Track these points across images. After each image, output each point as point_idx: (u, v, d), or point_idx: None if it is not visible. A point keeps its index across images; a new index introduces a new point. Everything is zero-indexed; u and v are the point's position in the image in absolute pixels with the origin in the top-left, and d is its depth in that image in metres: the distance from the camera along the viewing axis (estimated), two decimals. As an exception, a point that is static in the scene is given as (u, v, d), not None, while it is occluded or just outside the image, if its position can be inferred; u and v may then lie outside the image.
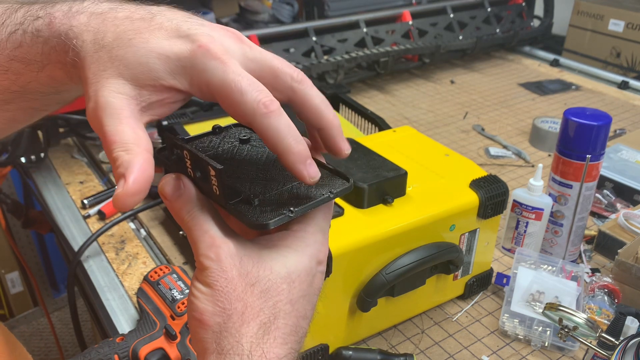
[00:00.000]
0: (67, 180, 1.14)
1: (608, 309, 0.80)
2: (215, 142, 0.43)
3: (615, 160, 1.15)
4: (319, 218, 0.40)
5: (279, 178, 0.40)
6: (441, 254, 0.73)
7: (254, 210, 0.37)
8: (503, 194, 0.78)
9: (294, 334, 0.38)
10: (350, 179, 0.40)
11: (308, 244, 0.39)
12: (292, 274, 0.38)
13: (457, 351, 0.76)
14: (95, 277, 0.89)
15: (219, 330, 0.36)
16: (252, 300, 0.36)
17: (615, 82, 1.67)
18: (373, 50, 1.51)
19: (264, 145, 0.43)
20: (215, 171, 0.35)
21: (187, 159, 0.38)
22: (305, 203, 0.38)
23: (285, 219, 0.36)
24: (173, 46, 0.35)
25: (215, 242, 0.36)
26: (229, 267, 0.36)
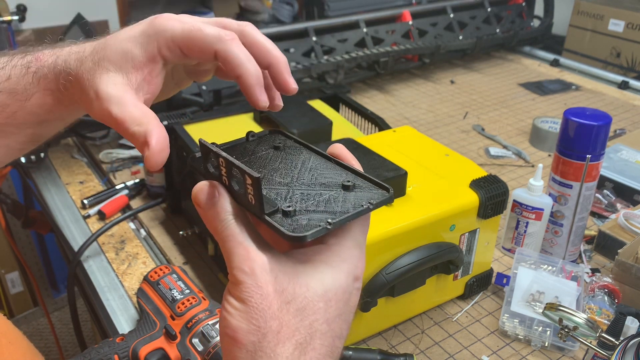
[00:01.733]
0: (67, 180, 1.14)
1: (608, 309, 0.80)
2: (249, 149, 0.42)
3: (615, 160, 1.15)
4: (356, 231, 0.39)
5: (316, 187, 0.38)
6: (441, 254, 0.73)
7: (290, 221, 0.35)
8: (503, 194, 0.78)
9: (330, 355, 0.36)
10: (391, 190, 0.38)
11: (344, 259, 0.37)
12: (329, 292, 0.36)
13: (457, 351, 0.76)
14: (95, 277, 0.89)
15: (254, 349, 0.34)
16: (288, 319, 0.35)
17: (615, 82, 1.67)
18: (373, 50, 1.51)
19: (299, 153, 0.42)
20: (252, 179, 0.34)
21: (223, 166, 0.36)
22: (343, 214, 0.36)
23: (322, 232, 0.35)
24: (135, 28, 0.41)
25: (250, 255, 0.35)
26: (265, 283, 0.35)
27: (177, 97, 1.25)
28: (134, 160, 1.20)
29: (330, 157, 0.41)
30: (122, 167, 1.17)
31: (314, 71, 1.41)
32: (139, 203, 1.06)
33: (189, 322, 0.70)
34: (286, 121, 0.93)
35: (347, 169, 0.41)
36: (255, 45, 0.41)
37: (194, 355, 0.68)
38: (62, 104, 0.44)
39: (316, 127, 0.95)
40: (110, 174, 1.15)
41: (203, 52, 0.40)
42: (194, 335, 0.69)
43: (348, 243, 0.38)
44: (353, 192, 0.38)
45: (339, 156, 0.41)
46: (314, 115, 0.98)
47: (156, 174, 1.04)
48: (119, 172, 1.16)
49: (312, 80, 1.46)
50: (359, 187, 0.39)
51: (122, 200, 1.04)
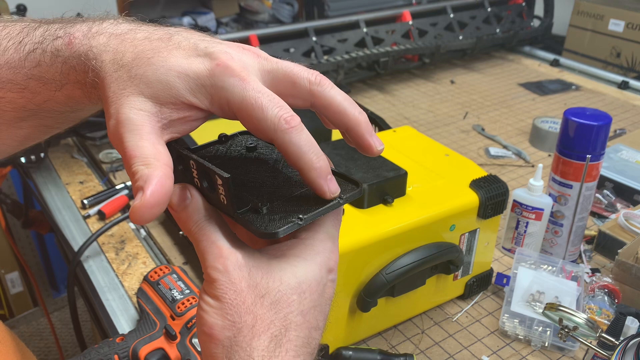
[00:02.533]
0: (67, 180, 1.14)
1: (608, 309, 0.80)
2: (221, 150, 0.42)
3: (615, 160, 1.15)
4: (328, 225, 0.39)
5: (287, 185, 0.39)
6: (441, 254, 0.73)
7: (262, 218, 0.36)
8: (503, 194, 0.78)
9: (306, 345, 0.37)
10: (361, 184, 0.40)
11: (318, 252, 0.38)
12: (303, 284, 0.37)
13: (457, 351, 0.76)
14: (95, 277, 0.89)
15: (230, 344, 0.35)
16: (263, 313, 0.35)
17: (615, 82, 1.67)
18: (373, 50, 1.51)
19: (271, 153, 0.42)
20: (222, 180, 0.35)
21: (194, 168, 0.37)
22: (314, 210, 0.37)
23: (294, 227, 0.35)
24: (192, 64, 0.35)
25: (223, 253, 0.36)
26: (238, 279, 0.35)
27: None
28: (134, 160, 1.20)
29: None
30: (122, 167, 1.17)
31: (314, 71, 1.41)
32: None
33: (189, 322, 0.70)
34: None
35: None
36: (329, 109, 0.39)
37: (194, 355, 0.68)
38: (91, 100, 0.40)
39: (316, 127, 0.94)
40: (110, 174, 1.15)
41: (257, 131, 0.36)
42: (194, 336, 0.69)
43: (320, 236, 0.38)
44: None
45: None
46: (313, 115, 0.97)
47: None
48: (119, 172, 1.16)
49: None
50: None
51: (122, 200, 1.04)
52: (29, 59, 0.39)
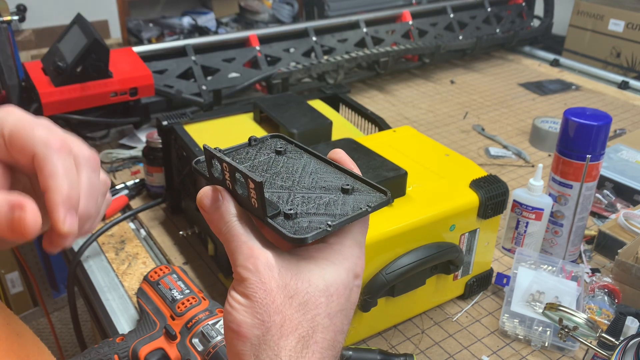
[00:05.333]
0: (67, 180, 1.14)
1: (608, 309, 0.80)
2: (251, 153, 0.43)
3: (615, 160, 1.15)
4: (356, 231, 0.40)
5: (317, 191, 0.40)
6: (441, 254, 0.73)
7: (292, 223, 0.37)
8: (503, 194, 0.78)
9: (332, 348, 0.37)
10: (388, 193, 0.40)
11: (345, 257, 0.39)
12: (331, 287, 0.37)
13: (457, 351, 0.76)
14: (95, 277, 0.89)
15: (258, 343, 0.35)
16: (291, 313, 0.36)
17: (615, 82, 1.67)
18: (373, 50, 1.51)
19: (300, 157, 0.44)
20: (255, 184, 0.35)
21: (226, 171, 0.38)
22: (342, 217, 0.37)
23: (322, 233, 0.36)
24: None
25: (254, 253, 0.36)
26: (268, 279, 0.36)
27: (177, 97, 1.25)
28: (134, 161, 1.20)
29: (330, 162, 0.43)
30: (122, 167, 1.17)
31: (314, 71, 1.41)
32: (139, 203, 1.06)
33: (189, 322, 0.70)
34: (286, 121, 0.93)
35: (347, 173, 0.42)
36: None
37: (194, 355, 0.68)
38: None
39: (316, 127, 0.95)
40: (111, 174, 1.15)
41: (22, 152, 0.35)
42: (194, 335, 0.69)
43: (348, 242, 0.39)
44: (352, 195, 0.40)
45: (339, 160, 0.43)
46: (313, 115, 0.97)
47: (156, 174, 1.04)
48: (119, 172, 1.16)
49: (312, 80, 1.46)
50: (358, 191, 0.40)
51: (122, 200, 1.05)
52: None
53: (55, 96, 1.08)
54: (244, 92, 1.38)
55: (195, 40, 1.39)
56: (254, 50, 1.40)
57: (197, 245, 0.95)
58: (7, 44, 1.11)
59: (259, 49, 1.40)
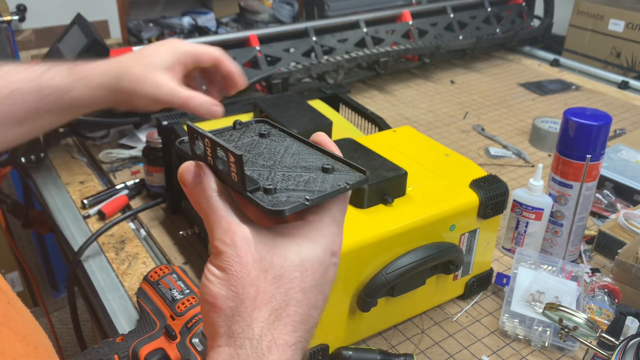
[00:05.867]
0: (67, 180, 1.14)
1: (608, 309, 0.80)
2: (235, 135, 0.45)
3: (615, 160, 1.15)
4: (335, 210, 0.41)
5: (297, 170, 0.41)
6: (441, 254, 0.73)
7: (271, 198, 0.37)
8: (503, 194, 0.78)
9: (305, 322, 0.38)
10: (367, 172, 0.41)
11: (323, 234, 0.40)
12: (305, 262, 0.38)
13: (457, 351, 0.76)
14: (95, 277, 0.89)
15: (231, 314, 0.36)
16: (265, 286, 0.37)
17: (615, 82, 1.67)
18: (373, 50, 1.51)
19: (283, 140, 0.45)
20: (235, 157, 0.36)
21: (208, 147, 0.38)
22: (320, 193, 0.38)
23: (300, 207, 0.37)
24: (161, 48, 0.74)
25: (231, 227, 0.37)
26: (244, 253, 0.37)
27: (177, 97, 1.25)
28: (134, 161, 1.20)
29: (312, 144, 0.44)
30: (122, 167, 1.17)
31: (314, 71, 1.41)
32: (139, 203, 1.06)
33: (189, 322, 0.70)
34: (286, 121, 0.93)
35: (328, 154, 0.43)
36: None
37: (194, 355, 0.68)
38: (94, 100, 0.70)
39: (316, 127, 0.95)
40: (110, 174, 1.15)
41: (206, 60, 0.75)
42: (194, 335, 0.69)
43: (326, 220, 0.40)
44: (332, 174, 0.40)
45: (321, 143, 0.44)
46: (313, 115, 0.97)
47: (156, 174, 1.04)
48: (119, 172, 1.16)
49: (312, 80, 1.46)
50: (338, 170, 0.41)
51: (122, 200, 1.05)
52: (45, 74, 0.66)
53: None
54: (244, 92, 1.37)
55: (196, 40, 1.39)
56: (254, 50, 1.40)
57: (197, 245, 0.95)
58: (7, 44, 1.11)
59: (259, 49, 1.40)
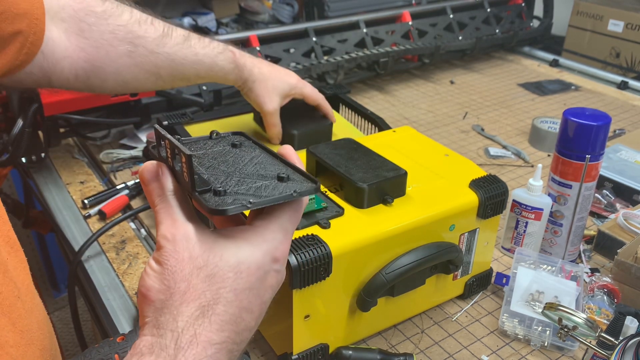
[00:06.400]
0: (67, 180, 1.14)
1: (607, 308, 0.80)
2: (209, 145, 0.46)
3: (615, 161, 1.16)
4: (284, 218, 0.42)
5: (253, 177, 0.42)
6: (441, 254, 0.74)
7: (218, 199, 0.38)
8: (502, 194, 0.78)
9: (234, 323, 0.38)
10: (318, 182, 0.42)
11: (266, 239, 0.40)
12: (242, 264, 0.39)
13: (456, 351, 0.76)
14: (95, 277, 0.89)
15: (160, 306, 0.37)
16: (196, 283, 0.38)
17: (614, 82, 1.67)
18: (373, 51, 1.51)
19: (252, 151, 0.46)
20: (185, 157, 0.37)
21: (167, 148, 0.40)
22: (266, 197, 0.39)
23: (241, 209, 0.37)
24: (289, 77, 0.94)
25: (175, 224, 0.39)
26: (181, 249, 0.38)
27: (177, 97, 1.25)
28: (135, 161, 1.20)
29: (278, 157, 0.46)
30: (122, 167, 1.18)
31: (314, 71, 1.41)
32: (139, 203, 1.06)
33: (190, 321, 0.71)
34: (286, 122, 0.93)
35: (289, 165, 0.44)
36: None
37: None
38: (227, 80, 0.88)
39: (316, 128, 0.95)
40: (111, 174, 1.15)
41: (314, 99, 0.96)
42: (195, 335, 0.70)
43: (273, 227, 0.41)
44: (285, 182, 0.42)
45: (285, 155, 0.46)
46: (314, 115, 0.98)
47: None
48: (120, 172, 1.16)
49: (312, 80, 1.46)
50: (292, 180, 0.42)
51: (123, 200, 1.05)
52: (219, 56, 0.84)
53: (56, 96, 1.08)
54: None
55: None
56: (254, 50, 1.40)
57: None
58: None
59: (259, 49, 1.40)
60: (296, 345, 0.69)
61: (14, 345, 0.39)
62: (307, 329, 0.68)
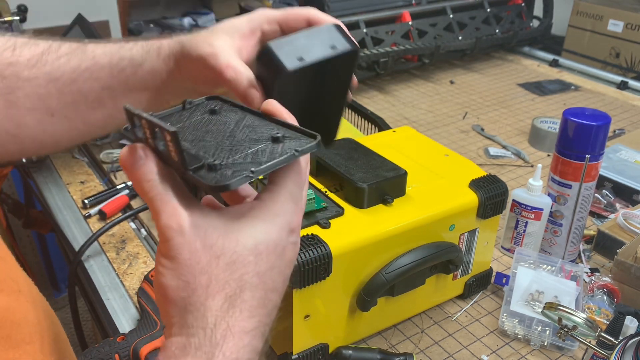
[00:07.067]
0: (67, 180, 1.14)
1: (607, 308, 0.80)
2: (184, 116, 0.42)
3: (615, 160, 1.16)
4: (290, 184, 0.39)
5: (245, 143, 0.38)
6: (441, 254, 0.74)
7: (215, 175, 0.35)
8: (502, 194, 0.78)
9: (262, 306, 0.37)
10: (318, 137, 0.38)
11: (277, 213, 0.38)
12: (260, 245, 0.37)
13: (456, 350, 0.76)
14: (96, 277, 0.89)
15: (184, 305, 0.35)
16: (217, 273, 0.35)
17: (614, 82, 1.67)
18: (373, 51, 1.51)
19: (234, 114, 0.43)
20: (169, 135, 0.33)
21: (146, 128, 0.36)
22: (268, 162, 0.36)
23: (245, 180, 0.34)
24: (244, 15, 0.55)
25: (177, 211, 0.35)
26: (193, 239, 0.35)
27: (177, 98, 1.25)
28: (135, 161, 1.20)
29: (265, 115, 0.42)
30: (122, 167, 1.18)
31: (314, 71, 1.41)
32: (139, 203, 1.06)
33: (190, 321, 0.71)
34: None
35: (280, 124, 0.41)
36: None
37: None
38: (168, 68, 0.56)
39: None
40: (111, 174, 1.15)
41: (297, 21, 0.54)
42: (195, 335, 0.70)
43: (281, 198, 0.38)
44: (282, 143, 0.38)
45: (273, 111, 0.42)
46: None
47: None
48: (120, 172, 1.16)
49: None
50: (288, 138, 0.38)
51: (123, 200, 1.05)
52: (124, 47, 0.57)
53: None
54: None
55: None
56: (254, 50, 1.40)
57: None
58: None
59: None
60: (296, 345, 0.69)
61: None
62: (307, 328, 0.68)
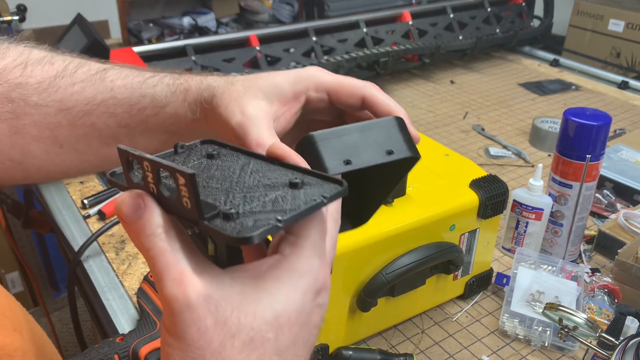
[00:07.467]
0: (67, 181, 1.14)
1: (608, 308, 0.80)
2: (178, 160, 0.37)
3: (615, 160, 1.16)
4: (314, 234, 0.34)
5: (260, 189, 0.34)
6: (441, 254, 0.73)
7: (234, 225, 0.30)
8: (503, 194, 0.78)
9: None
10: (344, 183, 0.34)
11: (301, 273, 0.32)
12: (281, 317, 0.31)
13: (457, 351, 0.76)
14: (95, 277, 0.89)
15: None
16: (231, 355, 0.30)
17: (615, 82, 1.67)
18: (373, 50, 1.51)
19: (237, 159, 0.38)
20: (185, 178, 0.29)
21: (148, 171, 0.31)
22: (294, 211, 0.31)
23: (273, 230, 0.30)
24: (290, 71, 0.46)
25: (185, 278, 0.30)
26: (203, 314, 0.30)
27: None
28: (134, 160, 1.20)
29: (272, 159, 0.38)
30: (122, 167, 1.17)
31: (314, 71, 1.41)
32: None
33: (189, 322, 0.70)
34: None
35: (293, 168, 0.36)
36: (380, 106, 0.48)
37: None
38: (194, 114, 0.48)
39: None
40: (111, 174, 1.15)
41: (351, 96, 0.46)
42: (194, 335, 0.69)
43: (306, 252, 0.33)
44: (302, 189, 0.34)
45: (282, 156, 0.37)
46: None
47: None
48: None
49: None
50: (309, 184, 0.34)
51: (122, 200, 1.04)
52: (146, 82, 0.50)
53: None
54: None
55: (196, 41, 1.39)
56: (254, 50, 1.40)
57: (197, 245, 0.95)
58: (7, 44, 1.11)
59: (259, 49, 1.40)
60: (296, 345, 0.68)
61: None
62: (307, 329, 0.68)
